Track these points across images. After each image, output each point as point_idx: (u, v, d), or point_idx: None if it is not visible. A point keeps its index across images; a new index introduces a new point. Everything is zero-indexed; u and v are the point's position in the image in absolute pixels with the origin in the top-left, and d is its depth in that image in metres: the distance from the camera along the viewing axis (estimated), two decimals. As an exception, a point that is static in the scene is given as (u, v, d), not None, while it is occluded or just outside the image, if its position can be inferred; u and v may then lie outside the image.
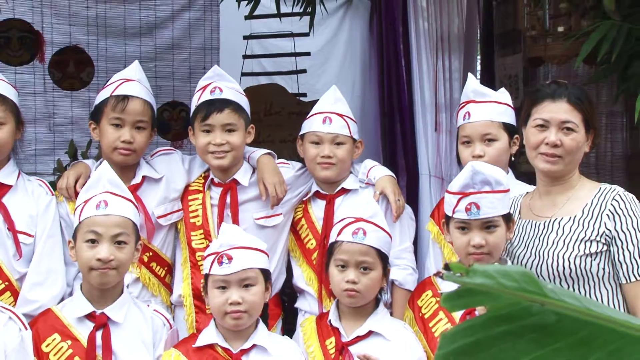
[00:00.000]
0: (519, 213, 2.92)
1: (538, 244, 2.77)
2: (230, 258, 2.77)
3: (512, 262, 2.81)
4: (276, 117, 6.17)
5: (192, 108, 3.38)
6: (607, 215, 2.69)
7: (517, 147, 3.21)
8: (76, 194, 3.12)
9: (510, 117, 3.23)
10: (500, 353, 0.75)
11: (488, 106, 3.20)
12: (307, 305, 3.38)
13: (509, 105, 3.25)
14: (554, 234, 2.74)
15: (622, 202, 2.70)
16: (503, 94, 3.28)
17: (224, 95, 3.31)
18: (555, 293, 0.78)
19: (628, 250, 2.65)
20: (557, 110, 2.75)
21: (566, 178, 2.81)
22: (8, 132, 3.18)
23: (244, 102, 3.37)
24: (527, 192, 2.96)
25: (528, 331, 0.76)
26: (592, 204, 2.74)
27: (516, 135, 3.20)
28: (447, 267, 0.81)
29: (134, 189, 3.26)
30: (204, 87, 3.34)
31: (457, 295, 0.79)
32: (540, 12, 4.06)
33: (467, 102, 3.24)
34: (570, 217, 2.74)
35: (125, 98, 3.26)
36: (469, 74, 3.47)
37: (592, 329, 0.76)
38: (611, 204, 2.70)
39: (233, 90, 3.36)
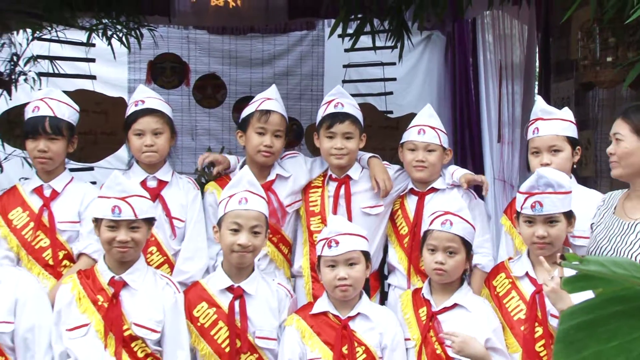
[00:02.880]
0: (614, 209, 2.76)
1: (619, 242, 2.62)
2: (337, 242, 2.77)
3: (594, 253, 2.69)
4: (368, 130, 6.14)
5: (318, 118, 3.39)
6: None
7: (579, 157, 3.11)
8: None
9: (572, 132, 3.11)
10: (615, 329, 0.71)
11: (554, 123, 3.09)
12: (396, 281, 3.33)
13: (572, 122, 3.13)
14: (633, 235, 2.59)
15: None
16: (567, 112, 3.15)
17: (345, 109, 3.30)
18: (660, 279, 0.74)
19: None
20: (613, 126, 2.68)
21: None
22: (165, 140, 3.25)
23: (359, 115, 3.36)
24: (625, 191, 2.79)
25: (640, 311, 0.73)
26: None
27: (578, 147, 3.10)
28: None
29: (270, 184, 3.31)
30: (329, 102, 3.35)
31: (576, 279, 0.75)
32: (592, 45, 3.91)
33: (536, 119, 3.12)
34: None
35: (268, 112, 3.30)
36: (538, 97, 3.36)
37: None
38: None
39: (352, 106, 3.35)
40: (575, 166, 3.13)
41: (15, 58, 5.46)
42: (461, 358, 2.68)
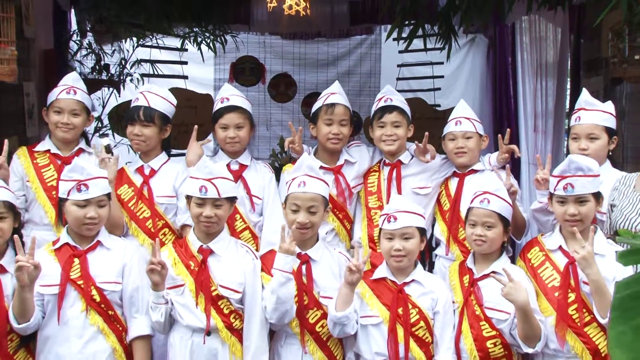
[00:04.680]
0: (633, 187, 2.67)
1: None
2: (395, 218, 2.72)
3: (624, 224, 2.57)
4: (418, 121, 6.04)
5: (372, 111, 3.38)
6: None
7: (615, 145, 2.98)
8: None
9: (611, 123, 2.99)
10: (665, 298, 0.67)
11: (595, 113, 2.98)
12: (441, 251, 3.29)
13: (611, 114, 3.00)
14: None
15: None
16: (608, 105, 3.03)
17: (393, 102, 3.30)
18: None
19: None
20: None
21: None
22: (246, 132, 3.28)
23: (407, 109, 3.33)
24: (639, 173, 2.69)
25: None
26: None
27: (615, 136, 2.97)
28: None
29: (339, 168, 3.31)
30: (380, 99, 3.36)
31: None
32: (622, 44, 3.72)
33: (579, 109, 3.02)
34: None
35: (333, 105, 3.29)
36: (583, 89, 3.21)
37: None
38: None
39: (400, 100, 3.34)
40: (610, 153, 3.00)
41: (123, 62, 5.60)
42: (499, 316, 2.63)
